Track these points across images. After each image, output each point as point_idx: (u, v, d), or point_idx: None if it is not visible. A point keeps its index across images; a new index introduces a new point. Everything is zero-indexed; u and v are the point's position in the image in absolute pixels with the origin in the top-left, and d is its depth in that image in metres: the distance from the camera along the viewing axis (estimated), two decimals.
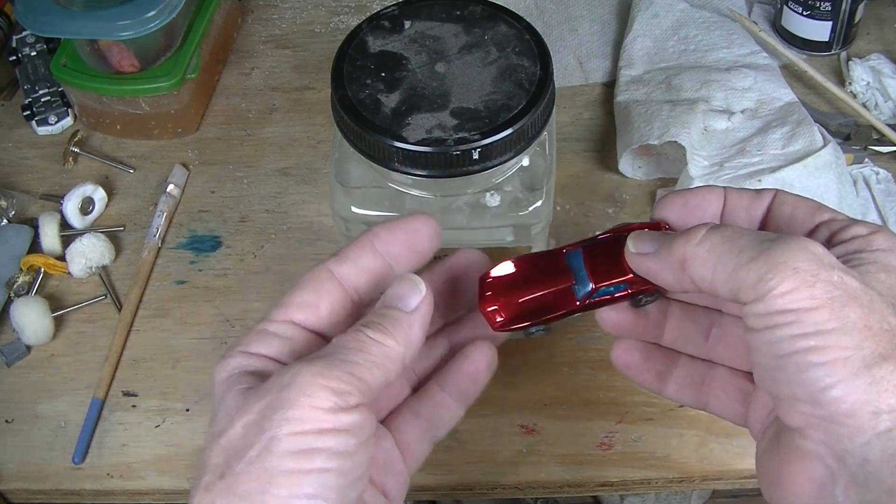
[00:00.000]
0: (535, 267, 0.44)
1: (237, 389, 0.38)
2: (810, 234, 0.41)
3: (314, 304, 0.42)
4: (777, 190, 0.43)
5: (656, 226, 0.44)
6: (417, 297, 0.41)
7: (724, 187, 0.44)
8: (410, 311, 0.41)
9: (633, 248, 0.42)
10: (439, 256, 0.45)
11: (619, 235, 0.44)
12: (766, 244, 0.37)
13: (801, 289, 0.36)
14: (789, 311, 0.36)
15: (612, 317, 0.45)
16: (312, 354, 0.39)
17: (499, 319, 0.44)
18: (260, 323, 0.41)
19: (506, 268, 0.44)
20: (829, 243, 0.40)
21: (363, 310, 0.42)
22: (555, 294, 0.43)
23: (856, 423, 0.35)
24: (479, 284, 0.44)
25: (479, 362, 0.44)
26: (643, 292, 0.43)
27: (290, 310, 0.42)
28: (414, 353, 0.41)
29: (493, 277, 0.44)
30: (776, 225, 0.42)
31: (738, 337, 0.45)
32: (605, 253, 0.44)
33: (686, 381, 0.45)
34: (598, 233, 0.45)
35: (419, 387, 0.46)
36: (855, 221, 0.41)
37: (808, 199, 0.43)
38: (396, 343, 0.40)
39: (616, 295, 0.44)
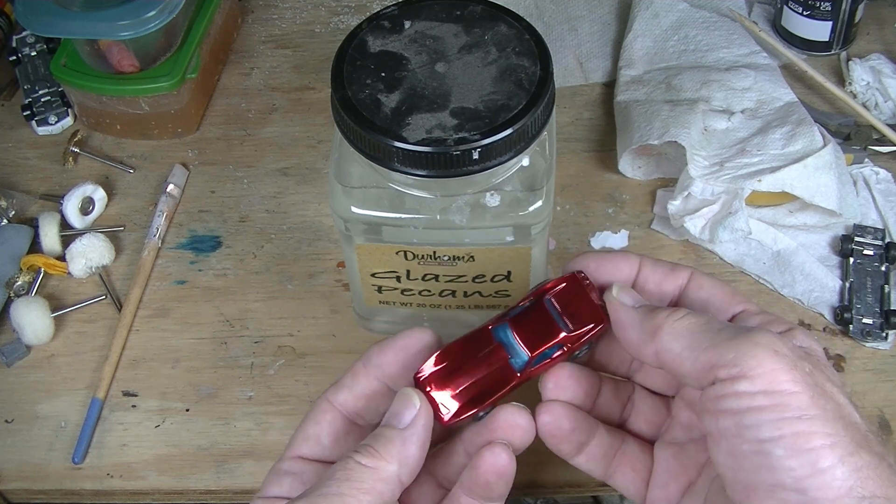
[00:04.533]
0: (465, 352, 0.44)
1: None
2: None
3: (315, 436, 0.43)
4: (693, 271, 0.44)
5: (573, 279, 0.44)
6: (411, 412, 0.41)
7: (640, 256, 0.45)
8: (404, 428, 0.41)
9: (615, 293, 0.43)
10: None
11: (538, 301, 0.44)
12: (744, 329, 0.38)
13: (783, 370, 0.36)
14: (774, 392, 0.36)
15: (561, 393, 0.44)
16: (300, 494, 0.39)
17: (443, 413, 0.43)
18: (276, 462, 0.43)
19: (437, 360, 0.44)
20: None
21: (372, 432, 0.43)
22: (493, 374, 0.43)
23: None
24: (415, 383, 0.43)
25: (488, 470, 0.43)
26: (578, 349, 0.44)
27: (295, 446, 0.43)
28: (412, 469, 0.40)
29: (428, 374, 0.43)
30: (690, 308, 0.43)
31: (647, 411, 0.46)
32: (532, 320, 0.44)
33: (598, 453, 0.45)
34: (517, 304, 0.45)
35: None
36: (771, 317, 0.42)
37: (724, 285, 0.44)
38: (387, 463, 0.40)
39: (553, 357, 0.44)
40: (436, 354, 0.44)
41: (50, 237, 0.67)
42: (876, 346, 0.60)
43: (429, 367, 0.43)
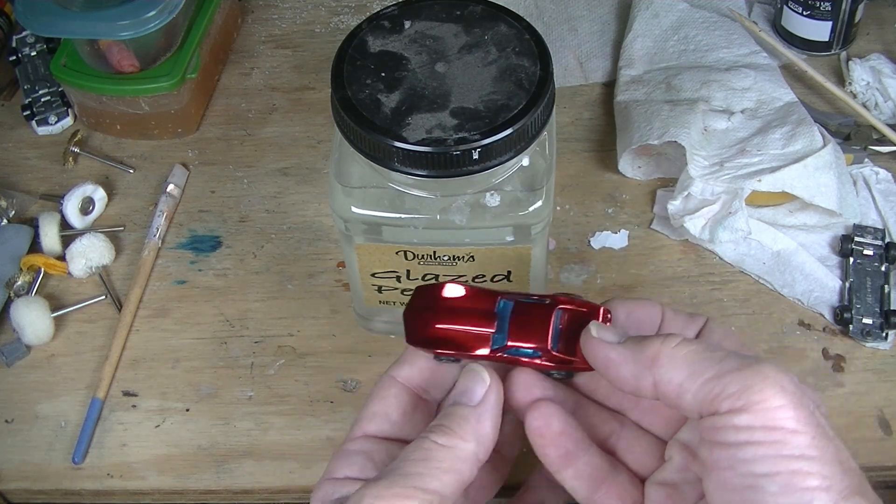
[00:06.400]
0: (469, 300, 0.43)
1: None
2: None
3: (383, 413, 0.42)
4: (709, 319, 0.43)
5: (596, 311, 0.43)
6: (482, 389, 0.40)
7: (662, 305, 0.43)
8: (476, 405, 0.40)
9: (595, 332, 0.40)
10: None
11: (551, 305, 0.43)
12: (750, 359, 0.37)
13: (788, 407, 0.35)
14: (776, 428, 0.35)
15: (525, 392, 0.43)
16: (377, 474, 0.38)
17: (412, 335, 0.43)
18: (342, 444, 0.42)
19: (444, 290, 0.43)
20: None
21: (438, 407, 0.42)
22: (473, 335, 0.43)
23: None
24: (414, 292, 0.44)
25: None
26: (554, 369, 0.42)
27: (362, 424, 0.42)
28: (488, 447, 0.39)
29: (429, 292, 0.44)
30: None
31: (639, 451, 0.44)
32: (532, 316, 0.42)
33: (587, 472, 0.42)
34: (537, 294, 0.44)
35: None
36: None
37: (735, 335, 0.43)
38: (464, 441, 0.39)
39: (526, 360, 0.43)
40: (449, 284, 0.44)
41: (50, 237, 0.67)
42: (876, 346, 0.60)
43: (432, 289, 0.43)
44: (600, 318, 0.42)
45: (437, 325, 0.43)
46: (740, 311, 0.62)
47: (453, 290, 0.44)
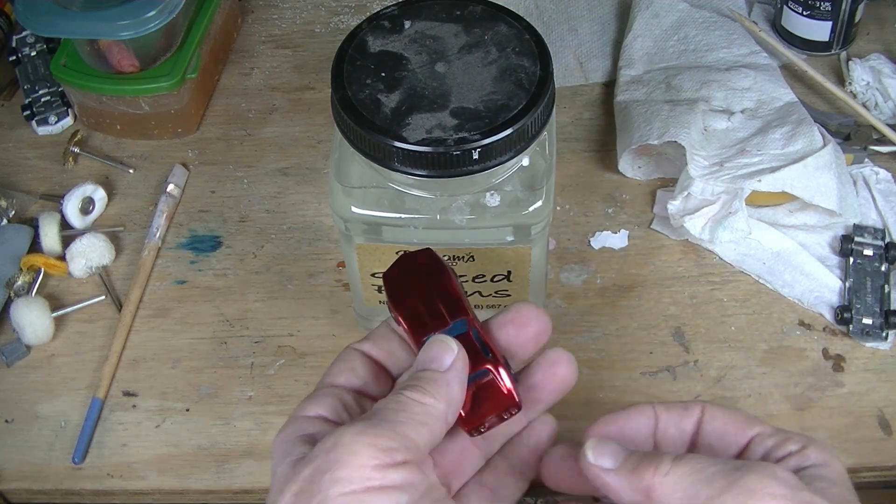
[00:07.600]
0: (450, 297, 0.44)
1: (288, 461, 0.39)
2: (744, 450, 0.42)
3: (350, 369, 0.44)
4: (705, 404, 0.44)
5: (513, 404, 0.43)
6: (450, 356, 0.42)
7: (653, 405, 0.44)
8: (445, 370, 0.41)
9: (592, 458, 0.41)
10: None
11: (490, 361, 0.43)
12: (737, 473, 0.38)
13: None
14: None
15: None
16: (356, 420, 0.39)
17: (388, 275, 0.45)
18: (310, 393, 0.43)
19: (445, 274, 0.45)
20: (768, 461, 0.40)
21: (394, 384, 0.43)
22: (424, 321, 0.44)
23: None
24: (426, 251, 0.45)
25: (540, 434, 0.45)
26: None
27: (330, 377, 0.44)
28: (456, 410, 0.41)
29: (434, 265, 0.45)
30: (708, 441, 0.43)
31: None
32: (471, 352, 0.43)
33: None
34: (492, 346, 0.44)
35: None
36: (786, 436, 0.41)
37: (736, 412, 0.43)
38: (436, 401, 0.40)
39: None
40: (448, 270, 0.45)
41: (50, 237, 0.67)
42: (876, 346, 0.60)
43: (434, 261, 0.45)
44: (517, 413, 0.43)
45: (408, 289, 0.44)
46: (740, 311, 0.62)
47: (448, 281, 0.45)
